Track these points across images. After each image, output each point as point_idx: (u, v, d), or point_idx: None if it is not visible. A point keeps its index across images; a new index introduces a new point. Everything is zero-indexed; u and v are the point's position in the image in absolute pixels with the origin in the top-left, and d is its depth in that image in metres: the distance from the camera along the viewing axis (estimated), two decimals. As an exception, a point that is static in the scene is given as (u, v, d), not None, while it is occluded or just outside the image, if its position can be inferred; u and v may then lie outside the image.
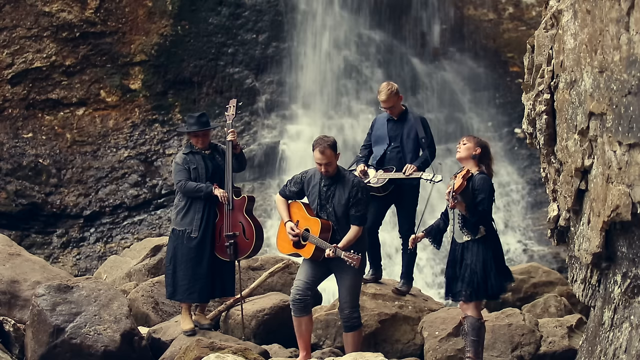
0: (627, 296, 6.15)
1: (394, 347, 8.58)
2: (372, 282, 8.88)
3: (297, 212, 7.75)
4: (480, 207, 7.17)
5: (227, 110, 8.76)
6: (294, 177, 7.89)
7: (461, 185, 7.07)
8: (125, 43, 15.54)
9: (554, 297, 9.84)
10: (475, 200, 7.15)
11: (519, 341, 8.18)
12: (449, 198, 7.05)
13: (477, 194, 7.17)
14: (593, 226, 6.43)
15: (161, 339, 8.53)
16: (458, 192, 7.04)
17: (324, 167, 7.52)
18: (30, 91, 15.30)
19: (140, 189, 15.37)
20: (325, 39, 16.09)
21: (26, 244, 14.26)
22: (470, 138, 7.42)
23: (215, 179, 8.46)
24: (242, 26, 15.90)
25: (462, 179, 7.11)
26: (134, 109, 15.65)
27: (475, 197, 7.15)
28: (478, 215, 7.17)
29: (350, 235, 7.50)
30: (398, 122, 8.74)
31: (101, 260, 14.10)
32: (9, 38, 15.18)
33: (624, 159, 5.75)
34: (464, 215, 7.18)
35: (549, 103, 7.18)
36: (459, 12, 16.35)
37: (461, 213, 7.19)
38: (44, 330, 8.07)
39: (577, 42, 6.48)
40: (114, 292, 8.55)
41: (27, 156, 15.20)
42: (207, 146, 8.57)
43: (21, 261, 9.72)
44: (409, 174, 8.47)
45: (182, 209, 8.44)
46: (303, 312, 7.64)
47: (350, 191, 7.52)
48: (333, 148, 7.51)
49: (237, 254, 8.40)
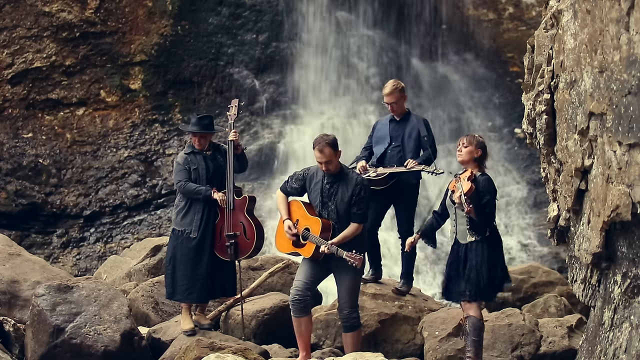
0: (627, 296, 6.15)
1: (394, 347, 8.58)
2: (372, 282, 8.88)
3: (297, 210, 7.73)
4: (488, 209, 7.18)
5: (228, 110, 8.76)
6: (295, 174, 7.86)
7: (471, 188, 7.08)
8: (125, 43, 15.54)
9: (554, 297, 9.83)
10: (481, 202, 7.16)
11: (519, 341, 8.17)
12: (462, 202, 7.05)
13: (482, 195, 7.18)
14: (593, 226, 6.43)
15: (161, 339, 8.53)
16: (469, 194, 7.04)
17: (325, 165, 7.52)
18: (30, 91, 15.29)
19: (140, 189, 15.36)
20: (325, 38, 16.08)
21: (26, 244, 14.25)
22: (470, 139, 7.40)
23: (215, 179, 8.46)
24: (242, 26, 15.90)
25: (469, 181, 7.12)
26: (134, 109, 15.65)
27: (481, 199, 7.16)
28: (486, 217, 7.18)
29: (348, 231, 7.48)
30: (400, 123, 8.75)
31: (101, 260, 14.10)
32: (9, 38, 15.18)
33: (624, 159, 5.75)
34: (471, 217, 7.17)
35: (549, 103, 7.18)
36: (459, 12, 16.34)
37: (468, 215, 7.18)
38: (44, 330, 8.07)
39: (577, 42, 6.48)
40: (114, 292, 8.55)
41: (27, 156, 15.20)
42: (207, 147, 8.57)
43: (21, 261, 9.72)
44: (410, 167, 8.47)
45: (182, 209, 8.44)
46: (303, 313, 7.64)
47: (354, 189, 7.50)
48: (333, 146, 7.49)
49: (237, 254, 8.40)
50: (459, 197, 7.09)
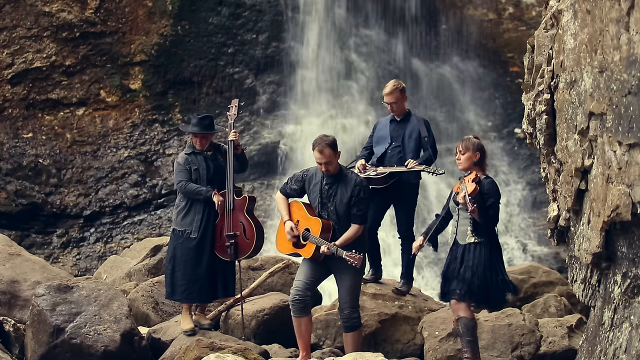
0: (627, 296, 6.15)
1: (394, 347, 8.58)
2: (372, 282, 8.89)
3: (297, 211, 7.74)
4: (492, 212, 7.19)
5: (228, 110, 8.76)
6: (294, 175, 7.87)
7: (475, 189, 7.08)
8: (125, 43, 15.53)
9: (554, 297, 9.83)
10: (485, 204, 7.16)
11: (519, 341, 8.17)
12: (467, 202, 7.04)
13: (487, 197, 7.18)
14: (593, 226, 6.43)
15: (161, 339, 8.54)
16: (473, 195, 7.04)
17: (324, 166, 7.52)
18: (30, 91, 15.29)
19: (140, 189, 15.36)
20: (325, 38, 16.07)
21: (26, 244, 14.26)
22: (466, 145, 7.33)
23: (216, 179, 8.46)
24: (242, 26, 15.90)
25: (473, 182, 7.12)
26: (134, 109, 15.65)
27: (485, 201, 7.16)
28: (490, 219, 7.18)
29: (349, 233, 7.49)
30: (401, 123, 8.75)
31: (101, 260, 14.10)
32: (9, 38, 15.18)
33: (624, 159, 5.75)
34: (476, 219, 7.17)
35: (549, 103, 7.18)
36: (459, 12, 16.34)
37: (472, 216, 7.18)
38: (44, 330, 8.07)
39: (577, 42, 6.48)
40: (114, 292, 8.55)
41: (27, 156, 15.20)
42: (207, 147, 8.57)
43: (21, 261, 9.73)
44: (411, 167, 8.47)
45: (183, 209, 8.45)
46: (303, 313, 7.64)
47: (353, 190, 7.50)
48: (332, 147, 7.49)
49: (237, 254, 8.41)
50: (463, 197, 7.09)
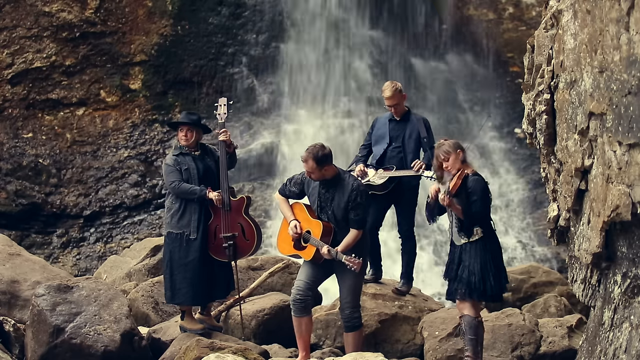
0: (627, 296, 6.15)
1: (394, 347, 8.58)
2: (372, 282, 8.88)
3: (299, 213, 7.74)
4: (474, 209, 7.16)
5: (216, 109, 8.66)
6: (293, 177, 7.85)
7: (456, 184, 7.09)
8: (125, 43, 15.53)
9: (554, 297, 9.83)
10: (469, 201, 7.15)
11: (519, 341, 8.18)
12: (444, 196, 7.07)
13: (470, 194, 7.17)
14: (593, 226, 6.43)
15: (161, 339, 8.54)
16: (453, 191, 7.06)
17: (307, 174, 7.54)
18: (30, 91, 15.29)
19: (140, 189, 15.36)
20: (325, 39, 16.07)
21: (26, 244, 14.25)
22: (445, 150, 7.23)
23: (206, 179, 8.39)
24: (242, 26, 15.90)
25: (458, 179, 7.12)
26: (134, 109, 15.65)
27: (469, 198, 7.16)
28: (472, 217, 7.17)
29: (348, 238, 7.48)
30: (400, 122, 8.73)
31: (101, 260, 14.09)
32: (9, 38, 15.18)
33: (624, 159, 5.75)
34: (460, 218, 7.18)
35: (549, 103, 7.18)
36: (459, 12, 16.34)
37: (457, 216, 7.20)
38: (44, 330, 8.07)
39: (577, 42, 6.49)
40: (114, 292, 8.55)
41: (27, 156, 15.20)
42: (195, 146, 8.49)
43: (21, 261, 9.73)
44: (417, 170, 8.45)
45: (178, 211, 8.34)
46: (303, 313, 7.64)
47: (350, 195, 7.48)
48: (316, 160, 7.39)
49: (236, 255, 8.38)
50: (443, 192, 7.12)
